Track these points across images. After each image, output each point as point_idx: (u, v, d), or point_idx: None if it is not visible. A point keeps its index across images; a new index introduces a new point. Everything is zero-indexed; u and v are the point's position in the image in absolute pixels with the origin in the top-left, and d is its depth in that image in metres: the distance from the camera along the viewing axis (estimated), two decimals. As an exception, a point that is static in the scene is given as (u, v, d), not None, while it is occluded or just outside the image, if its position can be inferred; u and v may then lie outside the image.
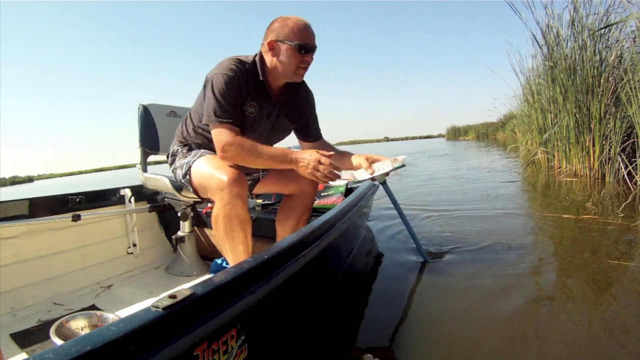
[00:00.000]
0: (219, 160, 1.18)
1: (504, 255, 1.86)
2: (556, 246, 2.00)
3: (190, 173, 1.24)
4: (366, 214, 2.26)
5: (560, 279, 1.57)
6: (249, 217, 1.14)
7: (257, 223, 1.63)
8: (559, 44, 3.98)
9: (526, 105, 5.60)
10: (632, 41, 3.26)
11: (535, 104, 4.94)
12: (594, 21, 3.58)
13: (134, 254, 1.74)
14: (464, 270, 1.74)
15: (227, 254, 1.18)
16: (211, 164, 1.18)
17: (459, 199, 3.53)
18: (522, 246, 1.98)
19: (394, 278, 1.84)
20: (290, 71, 1.22)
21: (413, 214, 2.88)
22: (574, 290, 1.46)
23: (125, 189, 1.77)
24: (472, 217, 2.73)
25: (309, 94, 1.42)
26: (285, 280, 0.82)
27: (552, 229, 2.28)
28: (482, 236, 2.21)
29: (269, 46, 1.20)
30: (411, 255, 2.15)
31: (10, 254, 1.34)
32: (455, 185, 4.46)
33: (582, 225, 2.27)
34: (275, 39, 1.19)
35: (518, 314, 1.31)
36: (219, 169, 1.13)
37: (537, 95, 4.87)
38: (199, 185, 1.23)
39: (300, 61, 1.20)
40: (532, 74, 5.17)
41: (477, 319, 1.31)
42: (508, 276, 1.62)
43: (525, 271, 1.66)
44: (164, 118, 1.72)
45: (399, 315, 1.42)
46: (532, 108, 5.13)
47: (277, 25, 1.20)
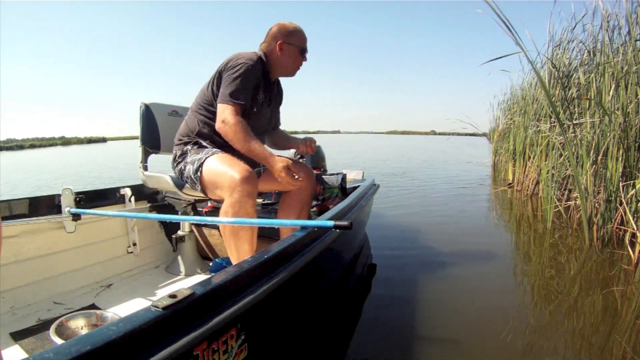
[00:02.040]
0: (231, 158, 1.21)
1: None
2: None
3: (202, 169, 1.25)
4: (366, 213, 2.25)
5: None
6: (256, 216, 1.15)
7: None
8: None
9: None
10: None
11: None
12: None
13: (134, 253, 1.74)
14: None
15: (231, 252, 1.18)
16: (224, 162, 1.20)
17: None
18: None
19: (394, 277, 1.84)
20: (293, 69, 1.43)
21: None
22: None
23: (126, 189, 1.77)
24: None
25: (282, 90, 1.59)
26: (285, 280, 0.82)
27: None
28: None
29: (279, 47, 1.38)
30: (409, 255, 2.16)
31: (10, 253, 1.34)
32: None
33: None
34: (284, 41, 1.38)
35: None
36: (232, 167, 1.15)
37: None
38: (209, 182, 1.24)
39: (300, 61, 1.42)
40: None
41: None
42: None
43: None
44: (166, 117, 1.72)
45: (399, 315, 1.41)
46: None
47: (282, 29, 1.39)
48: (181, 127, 1.45)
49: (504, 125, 5.86)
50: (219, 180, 1.18)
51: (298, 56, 1.41)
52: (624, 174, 2.25)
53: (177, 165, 1.39)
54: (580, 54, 3.39)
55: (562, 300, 1.61)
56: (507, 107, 5.99)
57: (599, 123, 2.48)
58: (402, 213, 3.37)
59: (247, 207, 1.11)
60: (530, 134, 4.05)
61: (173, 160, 1.42)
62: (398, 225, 2.95)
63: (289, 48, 1.39)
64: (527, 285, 1.83)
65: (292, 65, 1.42)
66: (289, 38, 1.39)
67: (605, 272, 1.88)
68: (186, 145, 1.38)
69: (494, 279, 1.85)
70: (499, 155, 6.22)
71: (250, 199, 1.12)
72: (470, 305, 1.53)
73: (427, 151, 14.30)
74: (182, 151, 1.38)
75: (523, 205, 3.75)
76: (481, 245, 2.45)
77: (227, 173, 1.15)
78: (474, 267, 1.99)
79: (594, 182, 2.41)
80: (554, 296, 1.65)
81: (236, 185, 1.11)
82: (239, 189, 1.10)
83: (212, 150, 1.31)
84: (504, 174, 5.51)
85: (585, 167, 2.43)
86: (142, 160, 1.63)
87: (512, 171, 4.85)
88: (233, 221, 1.09)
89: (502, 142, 5.92)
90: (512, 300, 1.62)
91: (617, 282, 1.76)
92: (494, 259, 2.19)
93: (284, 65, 1.41)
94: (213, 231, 1.82)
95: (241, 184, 1.11)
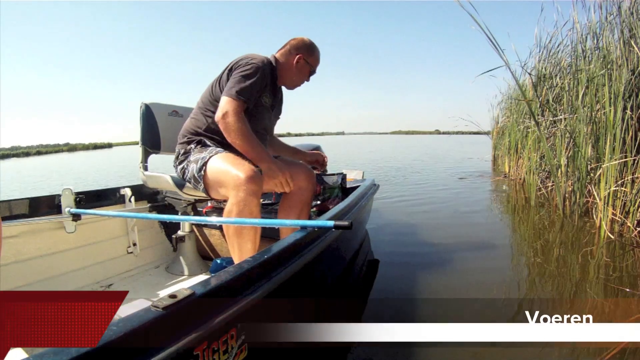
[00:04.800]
0: (235, 157, 1.21)
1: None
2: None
3: (206, 168, 1.24)
4: (367, 213, 2.25)
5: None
6: (260, 216, 1.16)
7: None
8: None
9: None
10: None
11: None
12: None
13: (134, 253, 1.74)
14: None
15: (234, 251, 1.18)
16: (228, 161, 1.20)
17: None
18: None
19: (394, 277, 1.84)
20: (296, 83, 1.48)
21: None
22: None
23: (125, 189, 1.77)
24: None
25: (282, 97, 1.61)
26: (285, 280, 0.82)
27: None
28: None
29: (298, 59, 1.43)
30: (409, 256, 2.17)
31: (10, 253, 1.34)
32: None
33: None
34: (304, 57, 1.43)
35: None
36: (237, 166, 1.15)
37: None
38: (213, 181, 1.23)
39: (304, 80, 1.48)
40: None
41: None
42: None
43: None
44: (166, 117, 1.72)
45: (399, 315, 1.41)
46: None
47: (306, 46, 1.44)
48: (186, 123, 1.43)
49: (502, 124, 6.44)
50: (223, 179, 1.18)
51: (306, 75, 1.47)
52: (593, 157, 2.71)
53: (180, 164, 1.37)
54: (559, 61, 3.93)
55: (544, 259, 2.08)
56: (505, 107, 6.50)
57: (571, 119, 2.99)
58: (404, 206, 3.61)
59: (252, 205, 1.11)
60: (522, 129, 4.61)
61: (175, 158, 1.40)
62: (400, 221, 3.06)
63: (305, 65, 1.44)
64: (520, 257, 2.23)
65: (298, 80, 1.47)
66: (308, 56, 1.44)
67: (576, 237, 2.43)
68: (189, 144, 1.37)
69: (491, 264, 2.03)
70: (498, 150, 6.81)
71: (255, 198, 1.12)
72: (471, 288, 1.70)
73: (430, 149, 14.95)
74: (185, 150, 1.36)
75: (516, 192, 4.40)
76: (479, 227, 2.84)
77: (231, 172, 1.15)
78: (472, 249, 2.26)
79: (566, 165, 2.96)
80: (538, 257, 2.13)
81: (241, 184, 1.11)
82: (244, 188, 1.10)
83: (216, 149, 1.30)
84: (502, 166, 6.13)
85: (560, 155, 2.99)
86: (142, 160, 1.63)
87: (508, 164, 5.50)
88: (234, 221, 1.09)
89: (501, 139, 6.48)
90: (510, 277, 1.86)
91: (586, 244, 2.24)
92: (491, 241, 2.47)
93: (292, 78, 1.45)
94: (213, 231, 1.82)
95: (246, 182, 1.11)
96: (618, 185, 2.34)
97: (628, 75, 2.43)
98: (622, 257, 1.97)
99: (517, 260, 2.14)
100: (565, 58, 3.68)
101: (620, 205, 2.34)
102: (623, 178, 2.34)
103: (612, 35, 2.76)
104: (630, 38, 2.49)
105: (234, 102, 1.25)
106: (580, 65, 3.04)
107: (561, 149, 2.97)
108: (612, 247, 2.14)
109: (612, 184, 2.35)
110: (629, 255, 1.98)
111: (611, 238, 2.23)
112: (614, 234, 2.28)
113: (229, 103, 1.25)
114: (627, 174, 2.33)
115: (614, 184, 2.35)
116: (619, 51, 2.57)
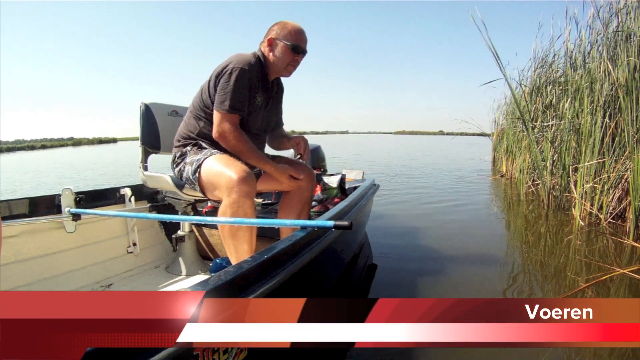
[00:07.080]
0: (229, 158, 1.21)
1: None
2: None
3: (200, 170, 1.25)
4: (366, 213, 2.25)
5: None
6: (255, 216, 1.15)
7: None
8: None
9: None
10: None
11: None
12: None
13: (133, 253, 1.74)
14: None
15: (230, 253, 1.18)
16: (222, 162, 1.20)
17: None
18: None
19: (394, 277, 1.84)
20: (281, 67, 1.35)
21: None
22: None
23: (125, 188, 1.77)
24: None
25: (283, 89, 1.55)
26: (285, 280, 0.81)
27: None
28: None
29: (268, 42, 1.34)
30: (410, 250, 2.18)
31: (10, 253, 1.34)
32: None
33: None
34: (275, 37, 1.33)
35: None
36: (230, 167, 1.15)
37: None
38: (207, 182, 1.24)
39: (291, 59, 1.34)
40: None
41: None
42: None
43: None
44: (166, 117, 1.72)
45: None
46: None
47: (277, 27, 1.34)
48: (180, 128, 1.44)
49: (501, 127, 6.79)
50: (216, 180, 1.17)
51: (289, 53, 1.32)
52: (574, 158, 3.17)
53: (177, 167, 1.38)
54: (552, 72, 4.36)
55: (532, 246, 2.52)
56: (505, 111, 6.82)
57: (559, 125, 3.44)
58: (404, 205, 3.72)
59: (245, 207, 1.11)
60: (517, 133, 5.04)
61: (172, 161, 1.41)
62: (400, 219, 3.14)
63: (282, 46, 1.32)
64: (512, 248, 2.56)
65: (282, 63, 1.34)
66: (279, 34, 1.32)
67: (559, 227, 2.89)
68: (185, 146, 1.37)
69: (487, 256, 2.24)
70: (497, 152, 7.17)
71: (248, 200, 1.11)
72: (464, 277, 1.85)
73: (433, 149, 15.59)
74: (182, 152, 1.37)
75: (510, 189, 4.92)
76: (476, 221, 3.21)
77: (224, 173, 1.14)
78: (469, 243, 2.47)
79: (551, 165, 3.43)
80: (527, 245, 2.56)
81: (234, 185, 1.10)
82: (237, 190, 1.10)
83: (211, 151, 1.30)
84: (500, 167, 6.60)
85: (546, 156, 3.45)
86: (142, 160, 1.63)
87: (505, 164, 6.02)
88: (233, 221, 1.09)
89: (500, 141, 6.81)
90: (503, 269, 2.06)
91: (567, 234, 2.66)
92: (488, 235, 2.80)
93: (277, 64, 1.35)
94: (213, 231, 1.82)
95: (238, 184, 1.10)
96: (596, 183, 2.81)
97: (608, 88, 2.85)
98: (595, 240, 2.47)
99: (511, 251, 2.47)
100: (557, 69, 4.13)
101: (597, 200, 2.83)
102: (601, 176, 2.77)
103: (599, 55, 3.12)
104: (614, 56, 2.87)
105: (228, 116, 1.25)
106: (568, 78, 3.51)
107: (548, 152, 3.46)
108: (588, 234, 2.62)
109: (586, 182, 2.85)
110: (600, 239, 2.49)
111: (584, 227, 2.75)
112: (587, 224, 2.79)
113: (223, 120, 1.25)
114: (604, 172, 2.76)
115: (592, 181, 2.82)
116: (602, 67, 2.94)
